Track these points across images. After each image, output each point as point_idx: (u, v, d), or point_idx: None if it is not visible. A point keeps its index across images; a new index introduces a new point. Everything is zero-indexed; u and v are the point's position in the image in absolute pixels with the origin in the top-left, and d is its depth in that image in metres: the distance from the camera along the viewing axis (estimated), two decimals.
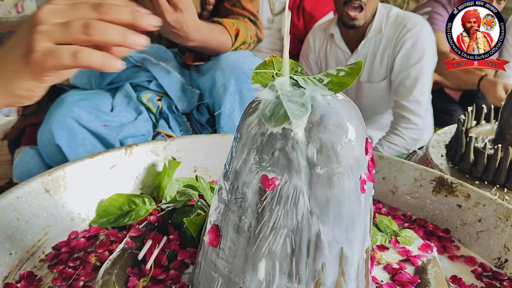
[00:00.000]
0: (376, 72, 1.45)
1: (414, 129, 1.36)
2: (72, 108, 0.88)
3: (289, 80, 0.43)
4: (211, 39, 0.93)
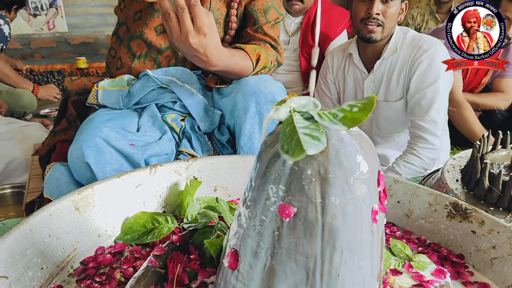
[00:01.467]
0: (393, 91, 1.47)
1: (431, 149, 1.37)
2: (101, 128, 0.93)
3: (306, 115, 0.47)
4: (232, 64, 0.97)
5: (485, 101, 2.08)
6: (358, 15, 1.38)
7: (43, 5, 4.14)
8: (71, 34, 4.24)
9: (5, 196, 1.67)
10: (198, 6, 0.78)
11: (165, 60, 1.17)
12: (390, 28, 1.39)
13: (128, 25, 1.17)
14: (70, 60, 4.16)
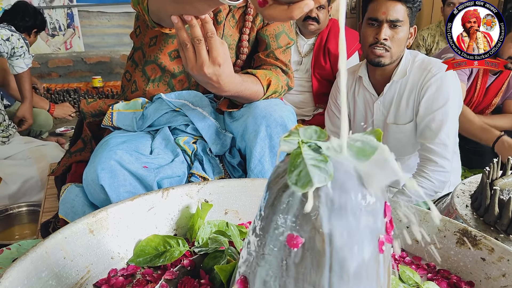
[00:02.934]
0: (402, 114, 1.48)
1: (442, 172, 1.37)
2: (116, 151, 0.95)
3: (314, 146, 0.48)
4: (244, 90, 0.99)
5: (496, 123, 2.07)
6: (367, 39, 1.41)
7: (61, 26, 4.26)
8: (87, 54, 4.34)
9: (21, 214, 1.71)
10: (214, 37, 0.80)
11: (179, 84, 1.20)
12: (399, 52, 1.41)
13: (144, 50, 1.21)
14: (86, 79, 4.25)
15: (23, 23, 2.43)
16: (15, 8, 2.49)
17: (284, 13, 0.52)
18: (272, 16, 0.53)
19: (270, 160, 1.02)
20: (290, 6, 0.51)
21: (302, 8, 0.51)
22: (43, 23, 2.58)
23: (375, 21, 1.38)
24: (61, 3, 4.21)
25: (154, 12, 0.87)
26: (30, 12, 2.50)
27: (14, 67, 1.98)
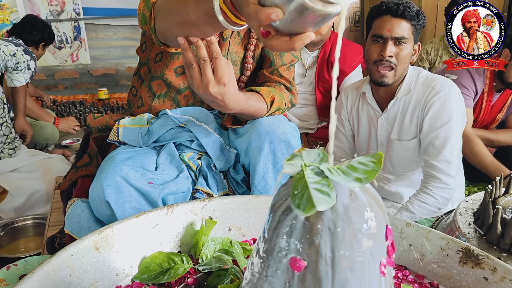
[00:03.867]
0: (406, 131, 1.48)
1: (445, 189, 1.37)
2: (121, 167, 0.96)
3: (316, 169, 0.49)
4: (248, 107, 1.01)
5: (500, 138, 2.08)
6: (371, 56, 1.42)
7: (68, 39, 4.32)
8: (93, 66, 4.39)
9: (26, 227, 1.72)
10: (220, 58, 0.82)
11: (184, 100, 1.22)
12: (402, 70, 1.42)
13: (149, 66, 1.23)
14: (92, 91, 4.30)
15: (31, 37, 2.47)
16: (24, 22, 2.53)
17: (286, 44, 0.53)
18: (274, 47, 0.55)
19: (273, 176, 1.03)
20: (292, 37, 0.53)
21: (304, 40, 0.52)
22: (51, 36, 2.62)
23: (380, 38, 1.40)
24: (68, 16, 4.27)
25: (160, 32, 0.89)
26: (39, 26, 2.54)
27: (12, 80, 2.01)
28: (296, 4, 0.48)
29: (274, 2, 0.50)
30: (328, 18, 0.52)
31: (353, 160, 0.50)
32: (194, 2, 0.72)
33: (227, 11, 0.65)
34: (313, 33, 0.53)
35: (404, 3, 1.36)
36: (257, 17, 0.51)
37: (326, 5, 0.47)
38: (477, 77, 1.99)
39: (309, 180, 0.47)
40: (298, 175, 0.49)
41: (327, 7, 0.48)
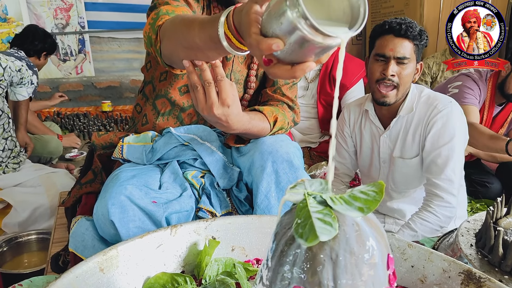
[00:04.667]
0: (408, 149, 1.49)
1: (447, 207, 1.38)
2: (126, 186, 0.97)
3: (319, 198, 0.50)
4: (251, 127, 1.02)
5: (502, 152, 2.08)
6: (374, 75, 1.43)
7: (73, 51, 4.37)
8: (97, 78, 4.43)
9: (30, 242, 1.73)
10: (224, 80, 0.83)
11: (188, 118, 1.24)
12: (405, 89, 1.43)
13: (154, 84, 1.24)
14: (96, 103, 4.33)
15: (32, 47, 2.47)
16: (25, 32, 2.54)
17: (287, 72, 0.55)
18: (276, 74, 0.56)
19: (276, 196, 1.04)
20: (293, 66, 0.54)
21: (305, 70, 0.54)
22: (52, 46, 2.62)
23: (382, 57, 1.41)
24: (73, 29, 4.32)
25: (166, 55, 0.90)
26: (40, 36, 2.55)
27: (15, 94, 2.03)
28: (297, 36, 0.49)
29: (275, 33, 0.52)
30: (328, 49, 0.53)
31: (355, 189, 0.51)
32: (200, 28, 0.74)
33: (231, 37, 0.67)
34: (314, 62, 0.54)
35: (407, 23, 1.37)
36: (258, 47, 0.53)
37: (326, 38, 0.49)
38: (481, 84, 2.00)
39: (312, 210, 0.48)
40: (301, 204, 0.50)
41: (327, 40, 0.49)
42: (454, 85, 2.01)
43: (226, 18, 0.66)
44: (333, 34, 0.48)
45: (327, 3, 0.54)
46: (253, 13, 0.56)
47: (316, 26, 0.47)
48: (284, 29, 0.50)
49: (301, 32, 0.48)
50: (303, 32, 0.48)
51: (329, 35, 0.48)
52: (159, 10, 0.96)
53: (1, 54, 1.90)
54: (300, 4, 0.46)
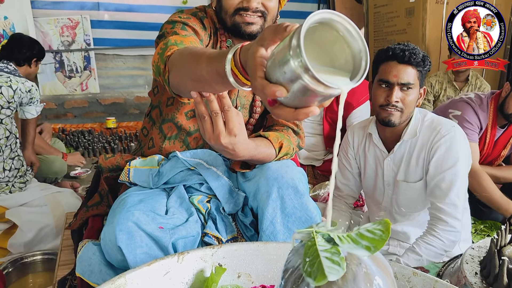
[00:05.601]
0: (412, 173, 1.50)
1: (452, 232, 1.38)
2: (133, 212, 0.99)
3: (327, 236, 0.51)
4: (257, 154, 1.04)
5: (505, 174, 2.09)
6: (377, 100, 1.45)
7: (78, 68, 4.42)
8: (102, 95, 4.47)
9: (35, 263, 1.74)
10: (231, 110, 0.85)
11: (194, 141, 1.25)
12: (409, 113, 1.45)
13: (161, 109, 1.26)
14: (100, 119, 4.37)
15: (21, 55, 2.44)
16: (11, 42, 2.51)
17: (291, 115, 0.57)
18: (279, 115, 0.58)
19: (281, 222, 1.05)
20: (297, 110, 0.56)
21: (308, 114, 0.55)
22: (41, 51, 2.59)
23: (386, 83, 1.43)
24: (79, 47, 4.38)
25: (174, 85, 0.92)
26: (27, 43, 2.52)
27: (24, 113, 2.05)
28: (299, 85, 0.51)
29: (279, 81, 0.54)
30: (330, 97, 0.55)
31: (361, 227, 0.52)
32: (207, 62, 0.76)
33: (238, 73, 0.69)
34: (317, 107, 0.56)
35: (410, 49, 1.39)
36: (263, 91, 0.55)
37: (327, 89, 0.50)
38: (480, 112, 2.02)
39: (320, 248, 0.50)
40: (310, 242, 0.51)
41: (329, 90, 0.51)
42: (454, 114, 2.03)
43: (233, 55, 0.68)
44: (335, 86, 0.50)
45: (329, 51, 0.56)
46: (258, 56, 0.58)
47: (318, 77, 0.48)
48: (288, 78, 0.52)
49: (303, 82, 0.50)
50: (305, 82, 0.50)
51: (330, 86, 0.50)
52: (167, 40, 0.99)
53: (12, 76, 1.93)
54: (302, 55, 0.48)
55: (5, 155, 1.89)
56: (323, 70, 0.55)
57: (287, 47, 0.51)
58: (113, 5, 4.42)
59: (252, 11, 1.13)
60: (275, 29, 0.57)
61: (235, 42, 1.23)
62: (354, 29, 0.54)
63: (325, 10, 0.52)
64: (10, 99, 1.85)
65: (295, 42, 0.49)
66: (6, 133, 1.89)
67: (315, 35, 0.54)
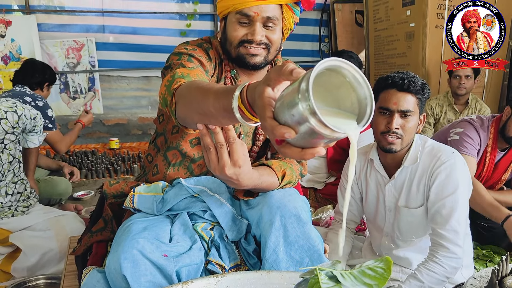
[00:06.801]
0: (413, 198, 1.52)
1: (453, 258, 1.38)
2: (138, 240, 1.00)
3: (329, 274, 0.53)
4: (261, 183, 1.06)
5: (507, 198, 2.10)
6: (378, 127, 1.48)
7: (83, 89, 4.48)
8: (106, 116, 4.52)
9: (38, 287, 1.74)
10: (236, 142, 0.87)
11: (198, 168, 1.27)
12: (409, 140, 1.48)
13: (166, 136, 1.29)
14: (104, 140, 4.40)
15: (34, 79, 2.56)
16: (24, 67, 2.63)
17: (297, 154, 0.59)
18: (286, 154, 0.60)
19: (284, 250, 1.06)
20: (304, 149, 0.58)
21: (314, 154, 0.58)
22: (52, 75, 2.70)
23: (386, 110, 1.46)
24: (84, 68, 4.45)
25: (180, 117, 0.95)
26: (39, 68, 2.63)
27: (27, 142, 2.08)
28: (307, 128, 0.53)
29: (287, 123, 0.56)
30: (336, 139, 0.57)
31: (363, 265, 0.54)
32: (214, 98, 0.79)
33: (244, 110, 0.71)
34: (323, 148, 0.58)
35: (409, 78, 1.43)
36: (272, 132, 0.57)
37: (334, 132, 0.53)
38: (481, 132, 2.05)
39: (323, 286, 0.51)
40: (313, 280, 0.53)
41: (335, 133, 0.53)
42: (455, 131, 2.06)
43: (240, 92, 0.71)
44: (341, 131, 0.52)
45: (336, 93, 0.59)
46: (266, 96, 0.60)
47: (325, 122, 0.51)
48: (296, 120, 0.54)
49: (310, 125, 0.52)
50: (312, 125, 0.52)
51: (336, 131, 0.52)
52: (174, 73, 1.02)
53: (18, 102, 1.97)
54: (310, 100, 0.50)
55: (7, 180, 1.91)
56: (329, 112, 0.57)
57: (296, 91, 0.53)
58: (118, 28, 4.51)
59: (256, 43, 1.17)
60: (280, 70, 0.60)
61: (239, 72, 1.26)
62: (361, 76, 0.56)
63: (334, 58, 0.54)
64: (15, 124, 1.89)
65: (304, 86, 0.52)
66: (9, 158, 1.92)
67: (322, 78, 0.56)
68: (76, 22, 4.40)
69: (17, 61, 4.16)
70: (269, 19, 1.16)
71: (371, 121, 1.55)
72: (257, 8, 1.14)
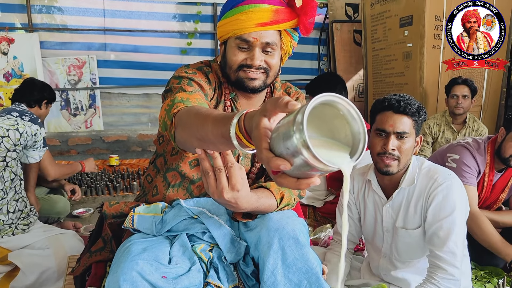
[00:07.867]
0: (411, 220, 1.53)
1: (451, 280, 1.39)
2: (137, 261, 1.01)
3: None
4: (259, 206, 1.07)
5: (504, 219, 2.10)
6: (375, 149, 1.50)
7: (83, 106, 4.51)
8: (106, 133, 4.54)
9: None
10: (234, 167, 0.89)
11: (197, 189, 1.29)
12: (406, 161, 1.49)
13: (166, 158, 1.31)
14: (103, 157, 4.41)
15: (32, 97, 2.58)
16: (23, 85, 2.65)
17: (293, 184, 0.60)
18: (282, 184, 0.62)
19: (282, 272, 1.06)
20: (299, 180, 0.60)
21: (309, 184, 0.59)
22: (51, 94, 2.72)
23: (383, 132, 1.48)
24: (85, 85, 4.49)
25: (180, 141, 0.96)
26: (38, 86, 2.65)
27: (27, 157, 2.09)
28: (301, 160, 0.55)
29: (282, 155, 0.58)
30: (331, 171, 0.59)
31: None
32: (213, 124, 0.80)
33: (242, 138, 0.73)
34: (318, 178, 0.59)
35: (406, 100, 1.45)
36: (268, 164, 0.59)
37: (327, 166, 0.54)
38: (478, 156, 2.06)
39: None
40: None
41: (328, 167, 0.55)
42: (452, 157, 2.08)
43: (238, 120, 0.72)
44: (335, 165, 0.54)
45: (331, 124, 0.60)
46: (262, 127, 0.62)
47: (318, 157, 0.52)
48: (290, 153, 0.56)
49: (304, 158, 0.54)
50: (306, 159, 0.54)
51: (329, 165, 0.54)
52: (174, 97, 1.04)
53: (19, 119, 1.99)
54: (304, 134, 0.52)
55: (9, 197, 1.92)
56: (324, 143, 0.59)
57: (292, 123, 0.55)
58: (120, 46, 4.57)
59: (255, 68, 1.19)
60: (276, 103, 0.62)
61: (239, 95, 1.29)
62: (355, 112, 0.58)
63: (329, 94, 0.56)
64: (17, 142, 1.91)
65: (299, 119, 0.54)
66: (11, 175, 1.93)
67: (318, 109, 0.58)
68: (78, 40, 4.46)
69: (18, 78, 4.20)
70: (268, 45, 1.19)
71: (368, 143, 1.57)
72: (257, 34, 1.17)
